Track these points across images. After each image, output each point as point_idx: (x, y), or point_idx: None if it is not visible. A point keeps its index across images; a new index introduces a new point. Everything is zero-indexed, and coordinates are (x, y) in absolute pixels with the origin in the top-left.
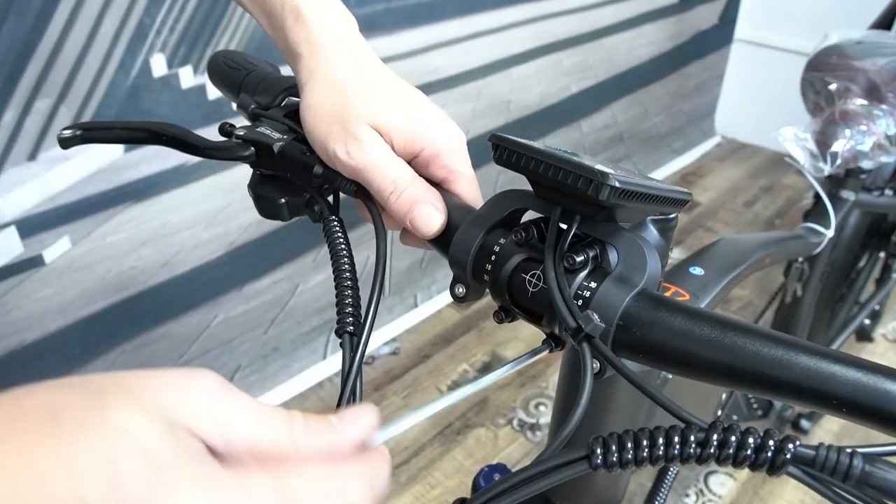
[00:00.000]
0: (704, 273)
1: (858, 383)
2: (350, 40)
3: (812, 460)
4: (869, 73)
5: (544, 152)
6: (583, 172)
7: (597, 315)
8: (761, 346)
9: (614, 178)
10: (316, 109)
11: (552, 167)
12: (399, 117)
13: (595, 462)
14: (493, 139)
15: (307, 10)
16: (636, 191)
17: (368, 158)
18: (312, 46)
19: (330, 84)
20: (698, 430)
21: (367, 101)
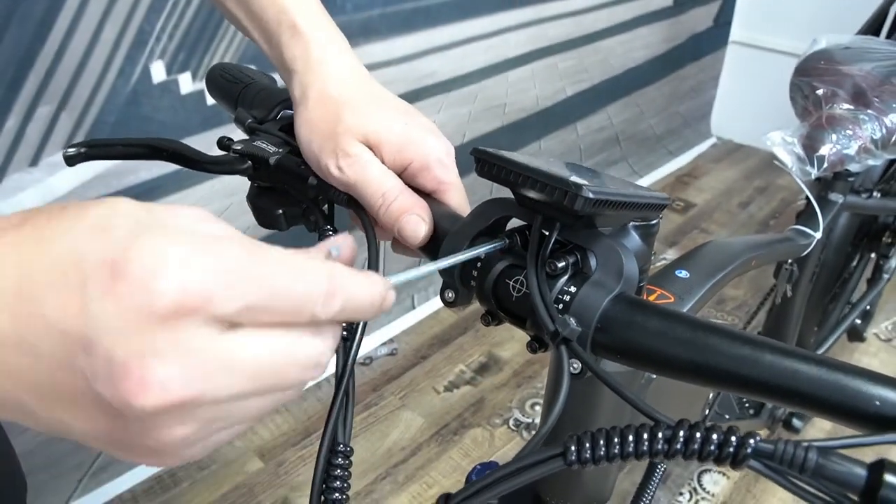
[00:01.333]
0: (689, 276)
1: (820, 380)
2: (343, 56)
3: (771, 454)
4: (856, 79)
5: (523, 165)
6: (559, 185)
7: (575, 319)
8: (729, 345)
9: (588, 190)
10: (309, 125)
11: (530, 179)
12: (389, 131)
13: (570, 458)
14: (474, 153)
15: (304, 25)
16: (612, 200)
17: (359, 172)
18: (307, 62)
19: (323, 100)
20: (666, 428)
21: (359, 117)
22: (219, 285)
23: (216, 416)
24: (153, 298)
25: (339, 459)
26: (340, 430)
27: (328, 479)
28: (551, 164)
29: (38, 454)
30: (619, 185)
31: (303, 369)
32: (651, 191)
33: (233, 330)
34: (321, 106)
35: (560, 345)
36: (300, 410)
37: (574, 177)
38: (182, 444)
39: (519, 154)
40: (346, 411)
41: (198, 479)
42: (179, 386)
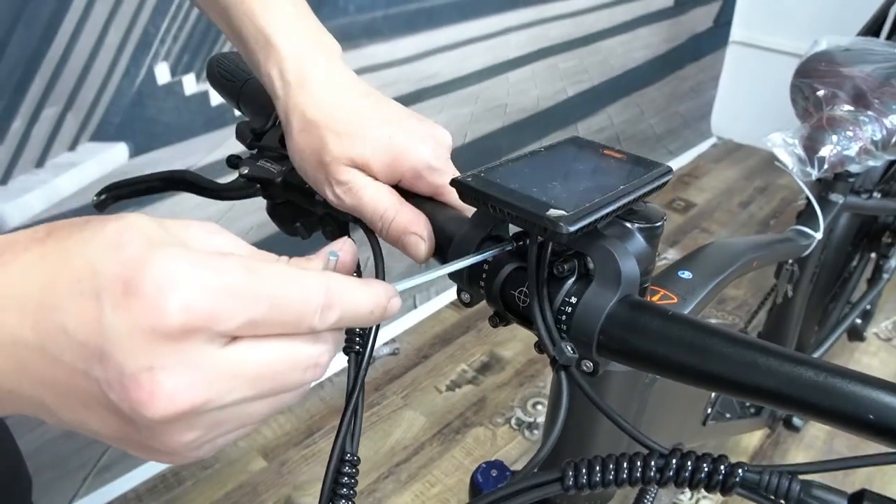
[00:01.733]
0: (692, 277)
1: (818, 385)
2: (325, 72)
3: (757, 484)
4: (856, 80)
5: (500, 199)
6: (536, 221)
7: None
8: (729, 349)
9: (567, 224)
10: (298, 154)
11: (509, 215)
12: (375, 148)
13: (567, 484)
14: (452, 184)
15: (279, 43)
16: (597, 218)
17: (354, 199)
18: (286, 85)
19: (304, 127)
20: (658, 457)
21: (342, 141)
22: (220, 305)
23: (221, 420)
24: (161, 317)
25: (347, 468)
26: (349, 440)
27: (336, 487)
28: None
29: (43, 453)
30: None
31: (303, 372)
32: (650, 168)
33: (234, 342)
34: (304, 134)
35: (559, 371)
36: (303, 410)
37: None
38: (189, 446)
39: (504, 167)
40: (354, 422)
41: (201, 479)
42: (186, 396)
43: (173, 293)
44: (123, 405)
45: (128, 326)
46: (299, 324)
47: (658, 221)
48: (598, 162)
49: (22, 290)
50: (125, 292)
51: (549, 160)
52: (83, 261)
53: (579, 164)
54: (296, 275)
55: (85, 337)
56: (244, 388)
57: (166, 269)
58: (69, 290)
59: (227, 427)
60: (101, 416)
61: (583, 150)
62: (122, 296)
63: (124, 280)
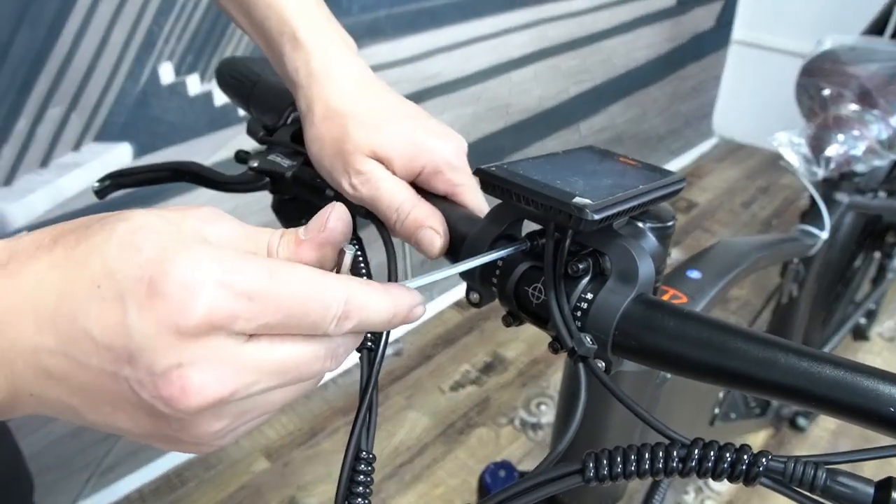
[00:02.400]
0: (701, 276)
1: (837, 381)
2: (347, 65)
3: (782, 472)
4: (861, 79)
5: (524, 187)
6: (562, 207)
7: (594, 326)
8: (747, 346)
9: (592, 211)
10: (317, 143)
11: (533, 202)
12: (398, 140)
13: (588, 475)
14: (476, 173)
15: (305, 36)
16: (619, 211)
17: (372, 189)
18: (310, 75)
19: (328, 115)
20: (681, 447)
21: (366, 131)
22: (241, 308)
23: (246, 409)
24: (187, 315)
25: (363, 466)
26: (364, 437)
27: (352, 485)
28: (560, 170)
29: (47, 454)
30: (630, 180)
31: (322, 363)
32: (664, 175)
33: (255, 339)
34: (327, 122)
35: (577, 362)
36: (306, 410)
37: (578, 194)
38: (216, 436)
39: (526, 162)
40: (369, 420)
41: (205, 479)
42: (214, 389)
43: (198, 292)
44: (156, 402)
45: (154, 327)
46: (315, 329)
47: (669, 221)
48: (615, 166)
49: (37, 299)
50: (149, 294)
51: (567, 161)
52: (100, 266)
53: (597, 166)
54: (316, 282)
55: (111, 340)
56: (267, 379)
57: (189, 270)
58: (89, 295)
59: (252, 415)
60: (130, 414)
61: (600, 156)
62: (147, 297)
63: (147, 282)
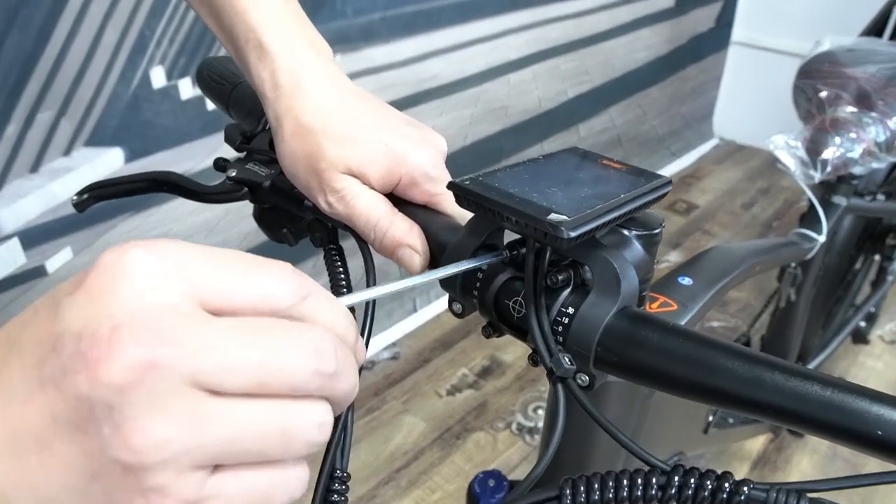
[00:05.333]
0: (693, 283)
1: (825, 401)
2: (317, 75)
3: (763, 501)
4: (860, 81)
5: (499, 203)
6: (537, 225)
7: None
8: (733, 364)
9: (568, 229)
10: (289, 159)
11: (507, 219)
12: (372, 154)
13: (565, 502)
14: (450, 187)
15: (270, 44)
16: (598, 226)
17: (348, 207)
18: (277, 87)
19: (298, 132)
20: (660, 474)
21: (339, 147)
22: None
23: None
24: None
25: (337, 485)
26: (339, 457)
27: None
28: (537, 180)
29: None
30: (612, 187)
31: None
32: (649, 179)
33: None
34: (297, 138)
35: (556, 383)
36: None
37: (554, 209)
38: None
39: (503, 172)
40: (344, 439)
41: None
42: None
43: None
44: None
45: None
46: None
47: (656, 228)
48: (598, 171)
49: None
50: None
51: (547, 168)
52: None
53: (579, 173)
54: None
55: None
56: None
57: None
58: None
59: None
60: None
61: (582, 160)
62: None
63: None
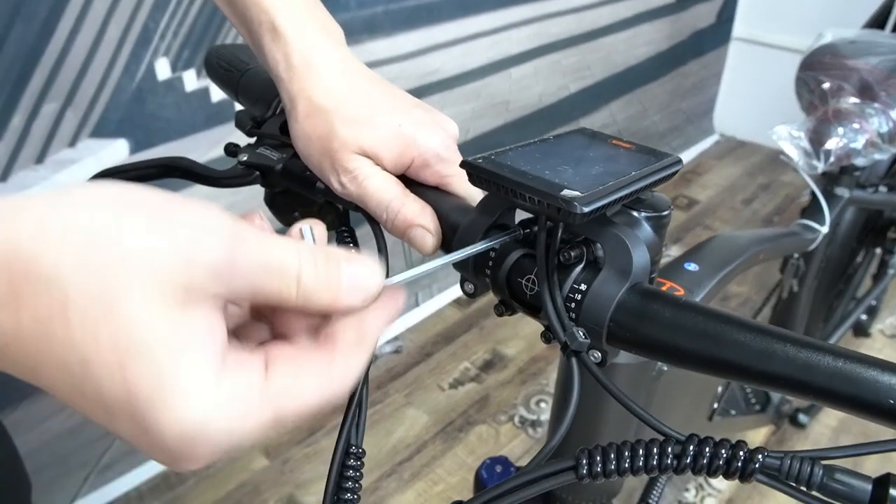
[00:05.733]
0: (699, 269)
1: (836, 372)
2: (330, 56)
3: (778, 469)
4: (862, 72)
5: (512, 180)
6: (550, 201)
7: (585, 327)
8: (745, 336)
9: (581, 204)
10: (303, 140)
11: (520, 195)
12: (385, 136)
13: (581, 472)
14: (463, 165)
15: (284, 25)
16: (611, 201)
17: (360, 187)
18: (290, 68)
19: (312, 112)
20: (675, 443)
21: (352, 127)
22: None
23: None
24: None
25: (352, 461)
26: (354, 433)
27: (342, 480)
28: (549, 158)
29: (44, 451)
30: (623, 166)
31: None
32: (659, 158)
33: None
34: (311, 119)
35: (570, 357)
36: None
37: (567, 185)
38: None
39: (514, 151)
40: (359, 415)
41: (203, 477)
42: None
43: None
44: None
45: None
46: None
47: (665, 210)
48: (607, 150)
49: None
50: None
51: (557, 147)
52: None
53: (589, 152)
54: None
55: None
56: None
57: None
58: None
59: None
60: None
61: (591, 140)
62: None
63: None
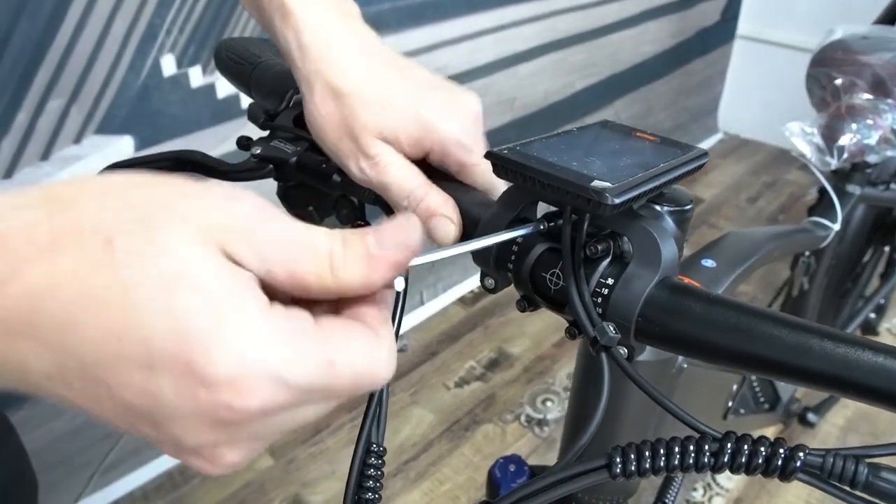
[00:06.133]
0: (716, 265)
1: (876, 368)
2: (344, 36)
3: (820, 467)
4: (875, 68)
5: (540, 170)
6: (580, 192)
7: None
8: (780, 331)
9: (612, 196)
10: (320, 123)
11: (549, 186)
12: (405, 120)
13: (615, 471)
14: (488, 157)
15: (293, 4)
16: (641, 193)
17: (382, 174)
18: (303, 50)
19: (328, 95)
20: (712, 440)
21: (371, 110)
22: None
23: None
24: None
25: (373, 459)
26: (374, 430)
27: (363, 479)
28: (574, 149)
29: (49, 451)
30: (650, 157)
31: None
32: (685, 150)
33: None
34: (328, 102)
35: (600, 352)
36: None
37: (597, 176)
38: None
39: (539, 142)
40: (379, 413)
41: (208, 477)
42: (246, 458)
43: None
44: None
45: (191, 412)
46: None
47: (688, 204)
48: (633, 143)
49: (37, 320)
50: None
51: (582, 139)
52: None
53: (615, 144)
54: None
55: (132, 400)
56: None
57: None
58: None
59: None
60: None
61: (615, 132)
62: (185, 380)
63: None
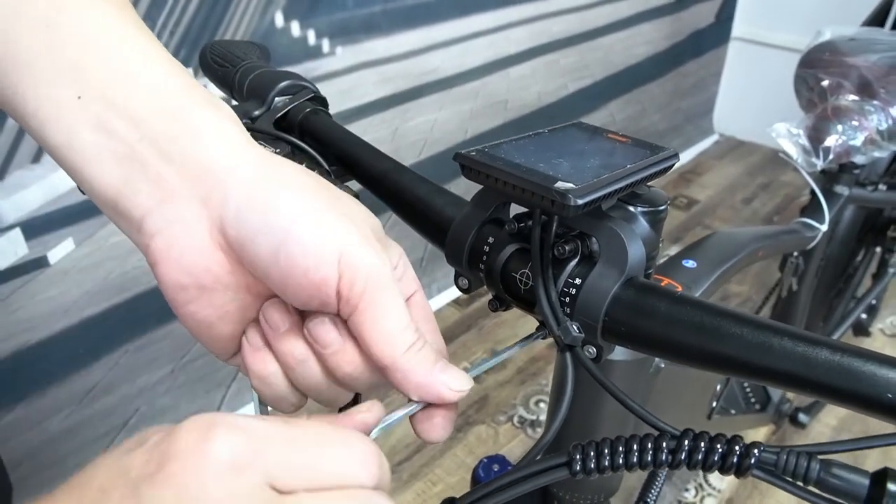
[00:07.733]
0: (697, 266)
1: (834, 366)
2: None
3: (774, 464)
4: (861, 70)
5: (506, 171)
6: (544, 193)
7: (579, 321)
8: (741, 330)
9: (575, 196)
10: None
11: (514, 188)
12: None
13: (574, 468)
14: (456, 158)
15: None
16: (606, 194)
17: None
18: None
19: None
20: (670, 438)
21: None
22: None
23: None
24: None
25: None
26: None
27: None
28: (543, 151)
29: (40, 454)
30: (619, 159)
31: None
32: (655, 151)
33: None
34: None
35: (564, 351)
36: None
37: (561, 178)
38: None
39: (508, 144)
40: None
41: None
42: None
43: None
44: None
45: None
46: None
47: (662, 205)
48: (604, 143)
49: None
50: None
51: (553, 140)
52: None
53: (584, 145)
54: None
55: None
56: None
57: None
58: None
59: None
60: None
61: (587, 133)
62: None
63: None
